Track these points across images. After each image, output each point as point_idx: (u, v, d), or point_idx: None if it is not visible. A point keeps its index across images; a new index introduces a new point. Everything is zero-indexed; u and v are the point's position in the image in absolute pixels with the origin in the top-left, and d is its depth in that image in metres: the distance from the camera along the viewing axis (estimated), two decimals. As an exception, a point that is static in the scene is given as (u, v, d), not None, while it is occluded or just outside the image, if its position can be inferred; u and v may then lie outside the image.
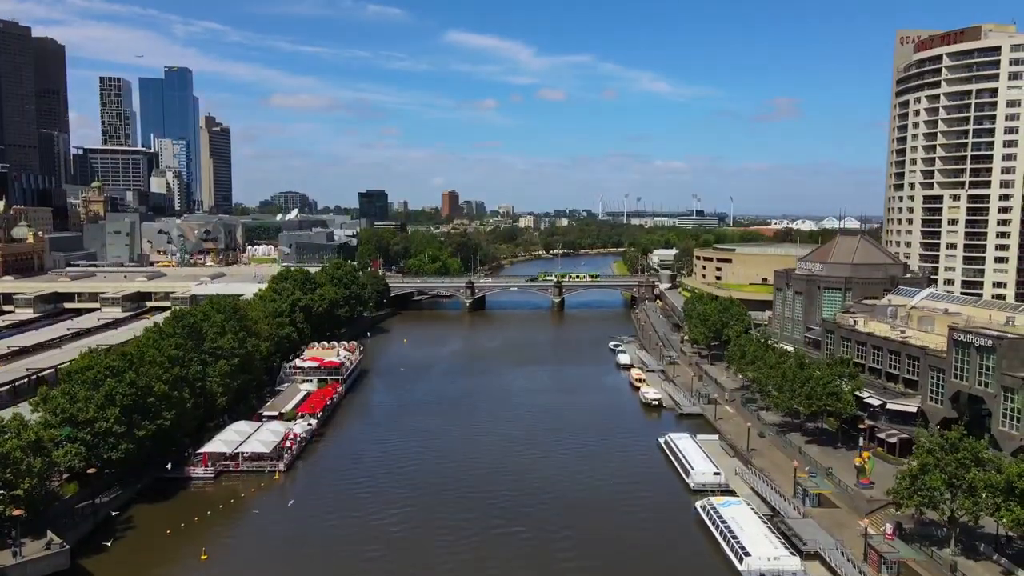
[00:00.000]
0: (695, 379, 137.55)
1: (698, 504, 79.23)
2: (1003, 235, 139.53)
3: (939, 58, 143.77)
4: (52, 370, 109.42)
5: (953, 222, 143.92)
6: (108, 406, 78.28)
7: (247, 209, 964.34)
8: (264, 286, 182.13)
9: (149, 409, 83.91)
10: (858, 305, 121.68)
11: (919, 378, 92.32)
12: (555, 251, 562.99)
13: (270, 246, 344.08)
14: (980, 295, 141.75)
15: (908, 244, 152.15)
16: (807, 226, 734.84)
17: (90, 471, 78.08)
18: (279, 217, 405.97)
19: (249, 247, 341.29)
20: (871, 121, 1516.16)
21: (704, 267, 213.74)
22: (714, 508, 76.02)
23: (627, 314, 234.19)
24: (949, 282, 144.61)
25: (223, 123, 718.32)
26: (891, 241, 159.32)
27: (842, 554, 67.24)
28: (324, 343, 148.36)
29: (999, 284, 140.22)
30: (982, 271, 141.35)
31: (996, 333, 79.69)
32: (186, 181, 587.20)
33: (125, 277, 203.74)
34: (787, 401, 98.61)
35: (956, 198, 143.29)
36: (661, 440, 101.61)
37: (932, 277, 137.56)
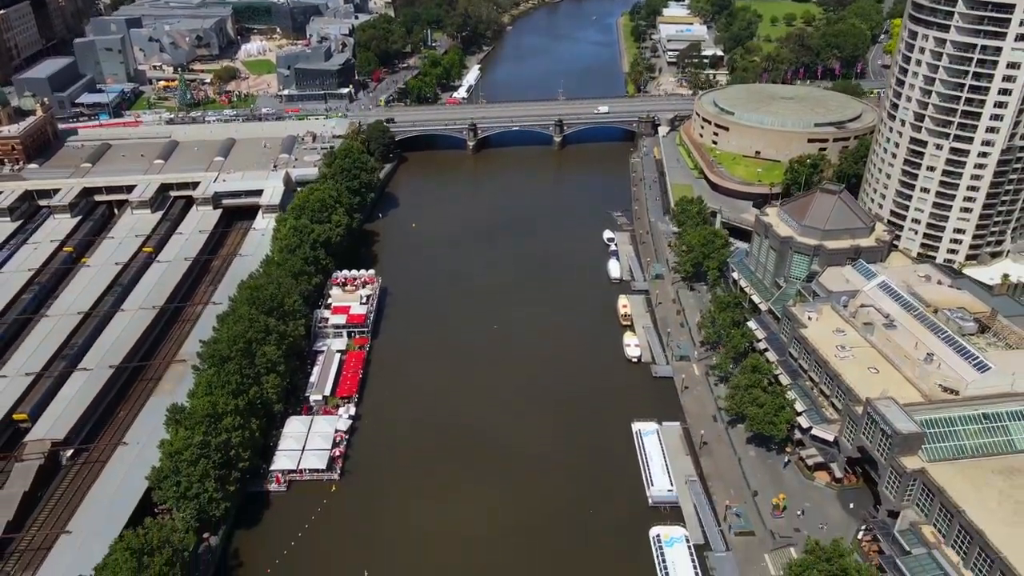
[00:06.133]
0: (674, 315, 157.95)
1: (651, 533, 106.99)
2: (973, 188, 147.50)
3: (955, 2, 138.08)
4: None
5: (931, 168, 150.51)
6: (205, 479, 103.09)
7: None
8: (279, 180, 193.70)
9: (232, 460, 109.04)
10: (819, 285, 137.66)
11: (841, 409, 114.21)
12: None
13: (264, 42, 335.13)
14: (940, 237, 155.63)
15: (888, 176, 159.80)
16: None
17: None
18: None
19: (243, 45, 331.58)
20: None
21: (703, 127, 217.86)
22: (660, 544, 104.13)
23: (626, 156, 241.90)
24: (916, 221, 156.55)
25: None
26: (874, 167, 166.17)
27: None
28: (346, 274, 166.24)
29: (959, 231, 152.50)
30: (947, 217, 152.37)
31: (897, 428, 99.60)
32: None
33: (142, 155, 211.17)
34: (736, 408, 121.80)
35: (939, 147, 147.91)
36: (633, 429, 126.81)
37: (895, 243, 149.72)
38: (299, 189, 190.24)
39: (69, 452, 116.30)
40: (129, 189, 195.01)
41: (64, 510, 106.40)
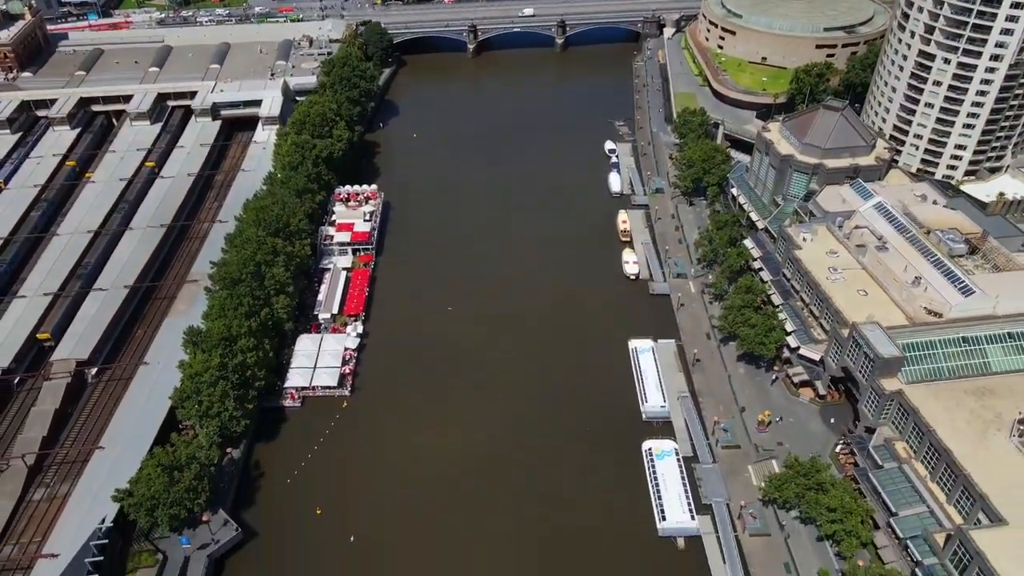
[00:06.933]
0: (673, 231, 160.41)
1: (643, 447, 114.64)
2: (978, 104, 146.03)
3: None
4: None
5: (937, 83, 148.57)
6: (225, 399, 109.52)
7: None
8: (278, 90, 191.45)
9: (248, 380, 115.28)
10: (815, 205, 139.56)
11: (829, 330, 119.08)
12: None
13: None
14: (941, 153, 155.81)
15: (894, 90, 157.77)
16: None
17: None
18: None
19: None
20: None
21: (709, 30, 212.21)
22: (652, 457, 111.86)
23: (629, 59, 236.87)
24: (918, 136, 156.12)
25: None
26: (880, 79, 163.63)
27: (727, 506, 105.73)
28: (349, 189, 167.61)
29: (960, 147, 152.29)
30: (949, 133, 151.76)
31: (878, 352, 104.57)
32: None
33: (136, 62, 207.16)
34: (729, 328, 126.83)
35: (947, 61, 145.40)
36: (630, 347, 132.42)
37: (895, 160, 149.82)
38: (298, 99, 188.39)
39: (93, 371, 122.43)
40: (126, 99, 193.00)
41: (94, 427, 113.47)
